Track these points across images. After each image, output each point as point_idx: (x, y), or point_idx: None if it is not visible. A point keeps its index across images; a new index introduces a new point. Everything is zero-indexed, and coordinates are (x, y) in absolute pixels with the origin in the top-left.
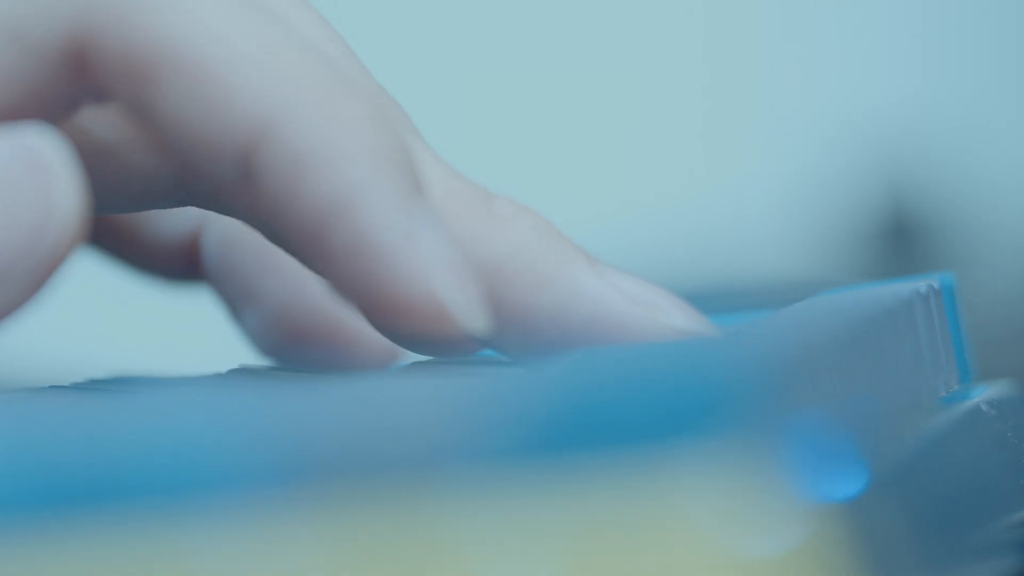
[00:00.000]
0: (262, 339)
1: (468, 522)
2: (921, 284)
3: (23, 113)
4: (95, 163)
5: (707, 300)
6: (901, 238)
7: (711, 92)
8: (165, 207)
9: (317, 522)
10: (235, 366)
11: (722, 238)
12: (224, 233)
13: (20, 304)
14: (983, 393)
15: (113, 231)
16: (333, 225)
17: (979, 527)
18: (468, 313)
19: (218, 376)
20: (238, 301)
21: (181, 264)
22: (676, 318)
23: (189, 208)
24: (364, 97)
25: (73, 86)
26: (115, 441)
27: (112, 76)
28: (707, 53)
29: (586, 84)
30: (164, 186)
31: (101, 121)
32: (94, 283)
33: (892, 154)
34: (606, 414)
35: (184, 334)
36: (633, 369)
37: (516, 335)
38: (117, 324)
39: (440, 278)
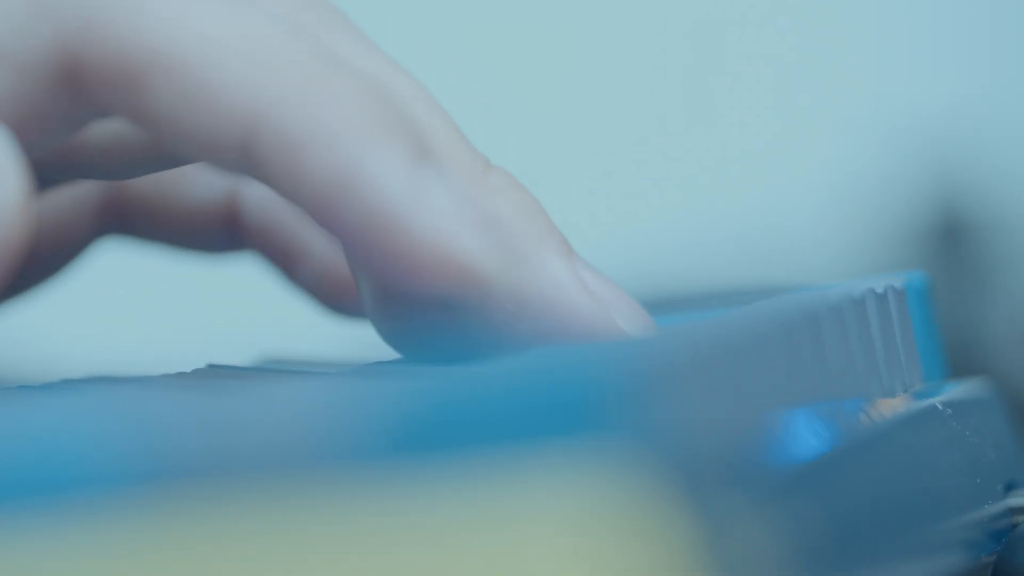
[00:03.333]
0: (317, 293)
1: (333, 522)
2: (879, 284)
3: (23, 132)
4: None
5: (672, 304)
6: (951, 239)
7: (760, 92)
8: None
9: (179, 523)
10: (201, 366)
11: (771, 238)
12: (262, 193)
13: None
14: (946, 392)
15: (146, 211)
16: (341, 199)
17: (928, 525)
18: (484, 263)
19: (161, 377)
20: (287, 259)
21: (220, 232)
22: (629, 321)
23: (219, 175)
24: (351, 73)
25: (72, 102)
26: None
27: (104, 87)
28: (758, 54)
29: (641, 83)
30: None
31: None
32: (107, 282)
33: (942, 154)
34: (466, 415)
35: (192, 332)
36: (499, 371)
37: (475, 305)
38: (127, 323)
39: (454, 233)
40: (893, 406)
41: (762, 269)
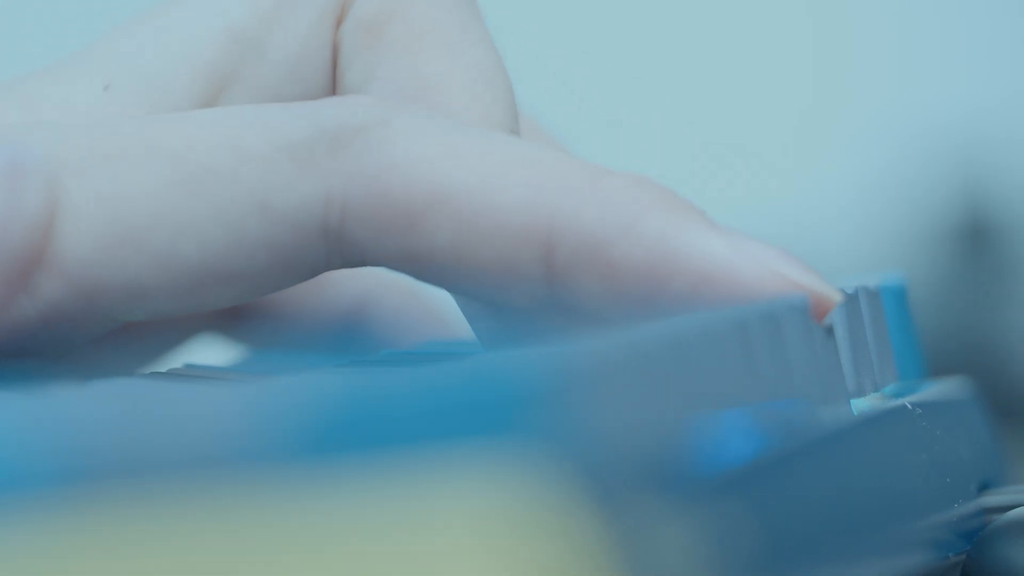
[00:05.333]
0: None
1: (253, 524)
2: (850, 284)
3: (265, 278)
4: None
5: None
6: (976, 240)
7: (784, 94)
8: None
9: (88, 525)
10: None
11: (795, 240)
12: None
13: None
14: (919, 392)
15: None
16: (668, 270)
17: (892, 525)
18: (820, 281)
19: (130, 377)
20: None
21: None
22: (792, 270)
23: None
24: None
25: (323, 252)
26: None
27: (375, 234)
28: (783, 56)
29: (667, 87)
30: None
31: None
32: None
33: (967, 156)
34: (380, 415)
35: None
36: (417, 372)
37: (611, 293)
38: None
39: (786, 266)
40: (859, 406)
41: None
